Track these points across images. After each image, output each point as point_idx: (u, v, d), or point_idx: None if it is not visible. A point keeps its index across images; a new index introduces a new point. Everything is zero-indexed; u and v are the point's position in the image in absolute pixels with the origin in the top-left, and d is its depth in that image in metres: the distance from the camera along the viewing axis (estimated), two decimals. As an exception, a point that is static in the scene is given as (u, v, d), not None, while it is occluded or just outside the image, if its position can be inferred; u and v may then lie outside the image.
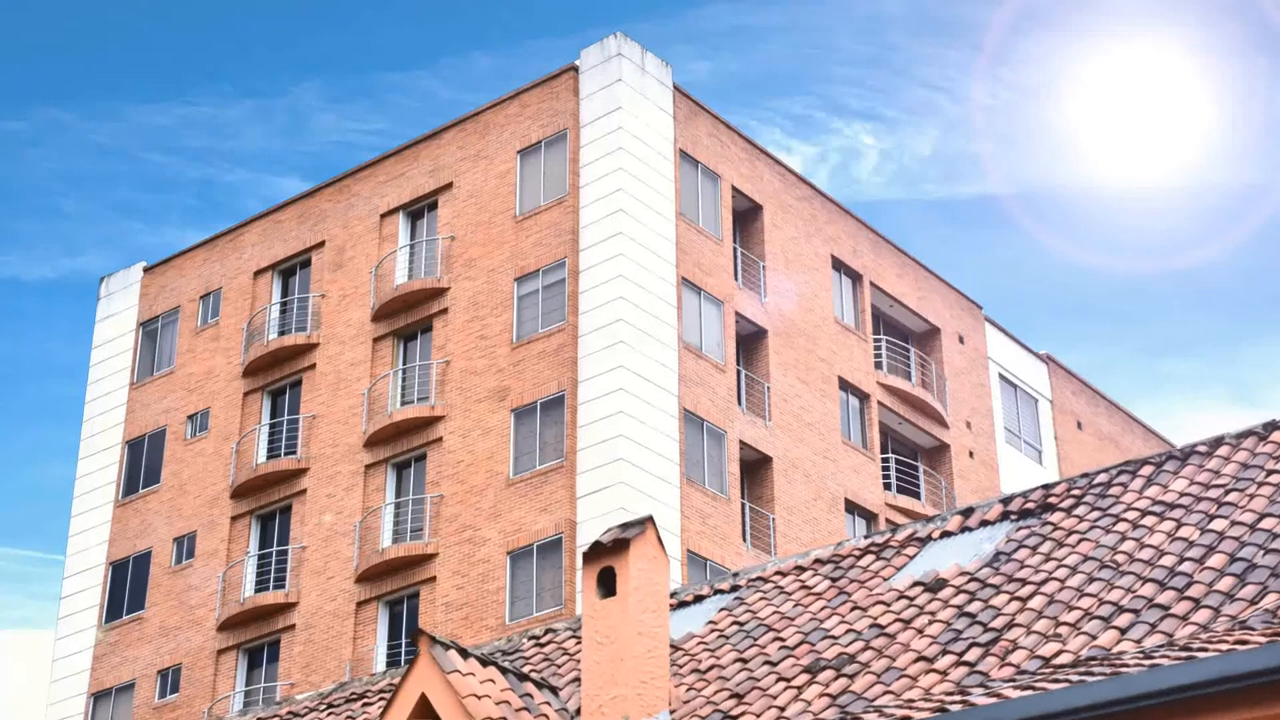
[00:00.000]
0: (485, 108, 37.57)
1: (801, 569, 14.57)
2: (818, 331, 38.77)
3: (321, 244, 39.39)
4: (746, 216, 38.50)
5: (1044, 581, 12.11)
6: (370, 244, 38.27)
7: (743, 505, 35.17)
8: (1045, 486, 12.99)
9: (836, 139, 74.60)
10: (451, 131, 38.09)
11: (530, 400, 33.57)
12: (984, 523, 13.17)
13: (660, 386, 33.44)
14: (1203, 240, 70.94)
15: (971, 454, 43.46)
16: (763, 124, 72.83)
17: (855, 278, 40.76)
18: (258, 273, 40.25)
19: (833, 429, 38.09)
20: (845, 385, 39.26)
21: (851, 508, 38.09)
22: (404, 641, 33.73)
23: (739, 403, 35.96)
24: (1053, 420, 47.56)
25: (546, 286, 34.56)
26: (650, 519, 14.54)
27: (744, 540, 34.62)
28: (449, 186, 37.54)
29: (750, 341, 37.46)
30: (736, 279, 37.20)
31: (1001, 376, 45.97)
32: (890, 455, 40.67)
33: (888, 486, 40.13)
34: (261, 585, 36.51)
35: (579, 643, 16.39)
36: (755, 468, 36.07)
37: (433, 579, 33.53)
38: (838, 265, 40.35)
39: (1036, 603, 11.92)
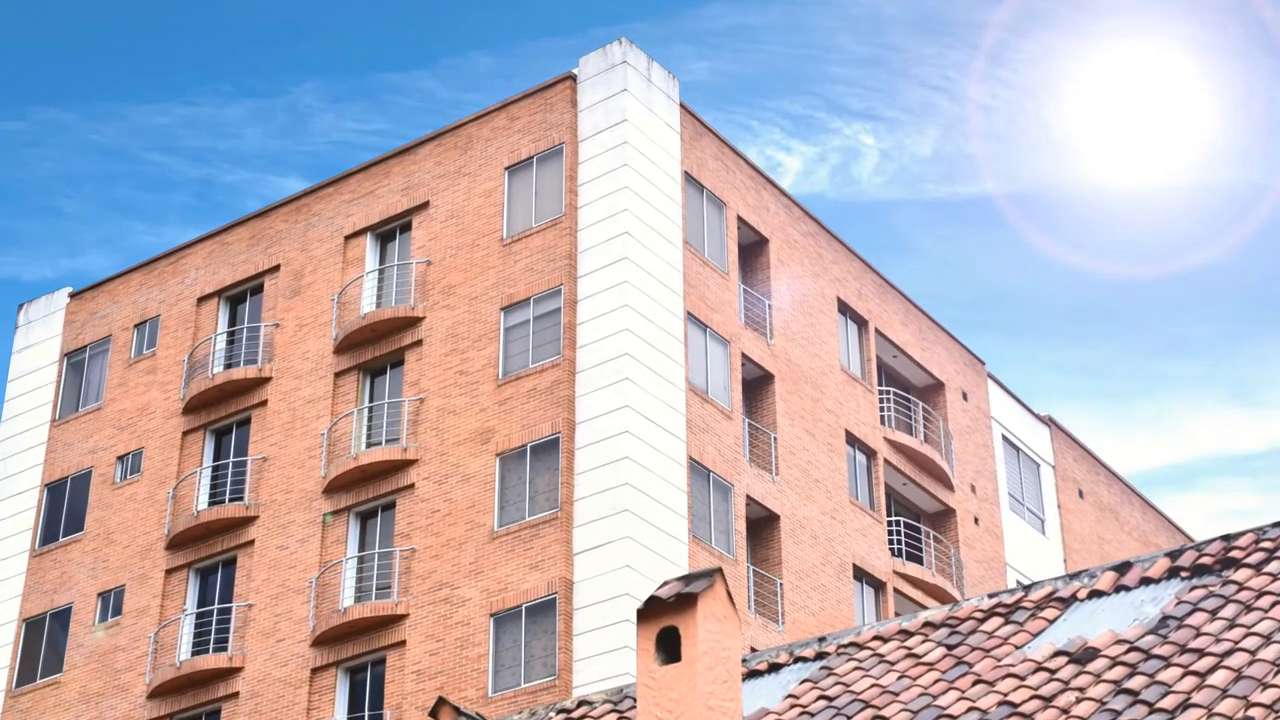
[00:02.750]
0: (467, 120, 36.29)
1: (907, 633, 13.24)
2: (824, 379, 37.74)
3: (276, 268, 38.02)
4: (751, 250, 37.42)
5: (1229, 652, 10.79)
6: (333, 268, 36.83)
7: (748, 568, 33.72)
8: (1225, 538, 11.66)
9: (836, 139, 77.71)
10: (428, 146, 36.74)
11: (519, 443, 32.04)
12: (1145, 581, 11.83)
13: (668, 431, 31.98)
14: (1203, 241, 74.18)
15: (977, 520, 42.69)
16: (762, 124, 75.77)
17: (861, 323, 40.01)
18: (201, 299, 38.86)
19: (840, 487, 36.96)
20: (852, 440, 38.24)
21: (860, 574, 36.85)
22: (366, 713, 32.02)
23: (744, 454, 34.60)
24: (1055, 487, 47.19)
25: (538, 317, 33.11)
26: (719, 571, 13.14)
27: (749, 607, 33.14)
28: (424, 206, 36.17)
29: (755, 387, 36.21)
30: (739, 317, 35.99)
31: (1005, 439, 45.58)
32: (899, 519, 39.67)
33: (896, 553, 39.05)
34: (200, 647, 34.79)
35: (618, 718, 14.92)
36: (761, 526, 34.72)
37: (402, 643, 31.84)
38: (843, 309, 39.53)
39: (1219, 678, 10.59)
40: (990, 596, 13.00)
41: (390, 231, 36.91)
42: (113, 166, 79.75)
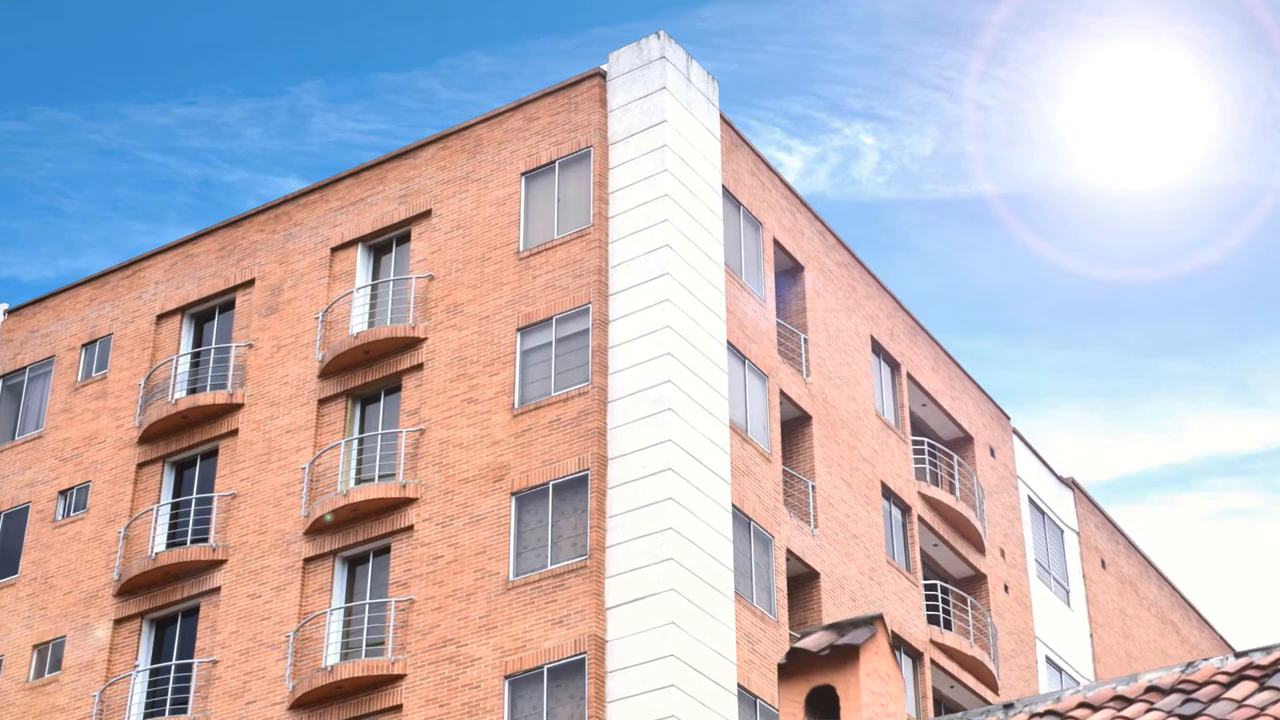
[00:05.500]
0: (475, 122, 34.69)
1: (1124, 700, 11.52)
2: (860, 425, 36.33)
3: (250, 282, 36.34)
4: (786, 278, 35.97)
5: None
6: (317, 283, 35.05)
7: (788, 633, 31.95)
8: None
9: (836, 139, 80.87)
10: (429, 150, 35.05)
11: (539, 481, 30.15)
12: None
13: (713, 471, 30.19)
14: (1204, 242, 77.38)
15: (1007, 588, 41.48)
16: (762, 124, 78.16)
17: (894, 366, 38.95)
18: (162, 316, 37.21)
19: (877, 545, 35.47)
20: (888, 493, 36.78)
21: (898, 643, 35.20)
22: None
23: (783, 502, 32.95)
24: (1080, 556, 46.56)
25: (561, 339, 31.30)
26: (880, 619, 11.52)
27: (788, 676, 31.39)
28: (426, 215, 34.47)
29: (791, 429, 34.59)
30: (775, 350, 34.46)
31: (1031, 501, 44.87)
32: (934, 582, 38.31)
33: (933, 620, 37.58)
34: (154, 709, 32.88)
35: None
36: (800, 584, 33.02)
37: (398, 708, 29.91)
38: (877, 349, 38.36)
39: None
40: (1237, 656, 11.30)
41: (385, 243, 35.15)
42: (113, 166, 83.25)
